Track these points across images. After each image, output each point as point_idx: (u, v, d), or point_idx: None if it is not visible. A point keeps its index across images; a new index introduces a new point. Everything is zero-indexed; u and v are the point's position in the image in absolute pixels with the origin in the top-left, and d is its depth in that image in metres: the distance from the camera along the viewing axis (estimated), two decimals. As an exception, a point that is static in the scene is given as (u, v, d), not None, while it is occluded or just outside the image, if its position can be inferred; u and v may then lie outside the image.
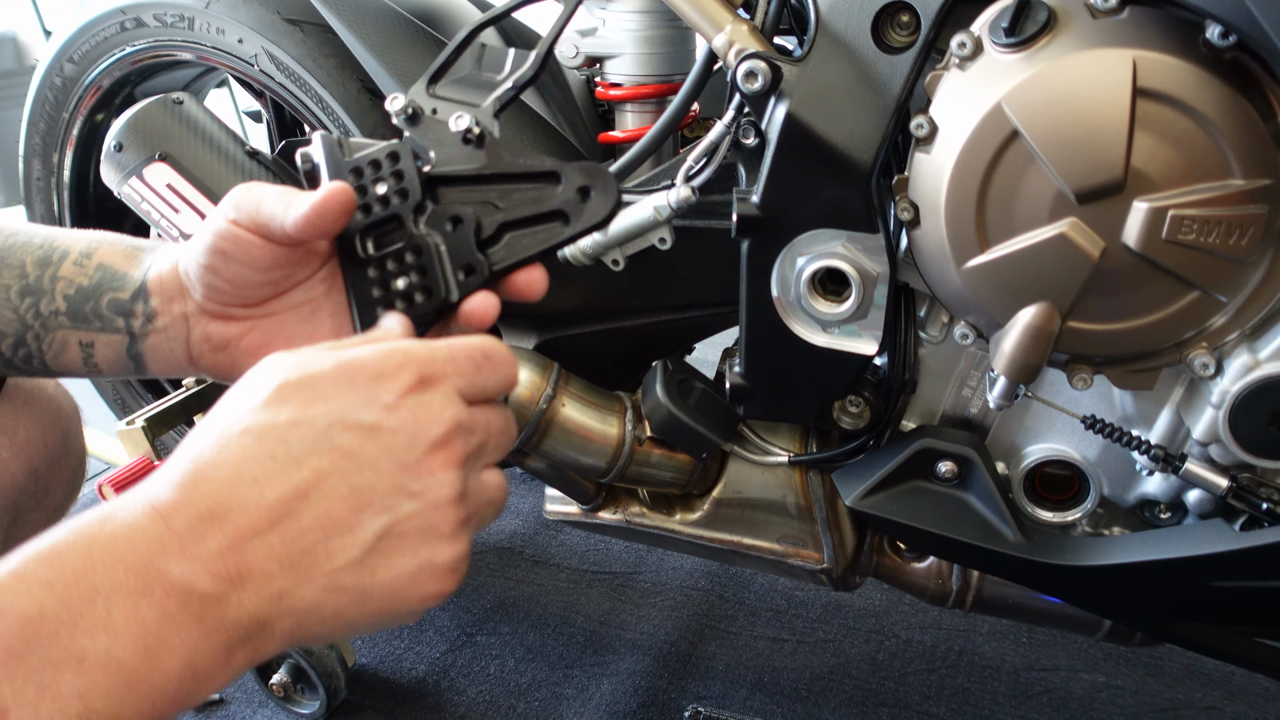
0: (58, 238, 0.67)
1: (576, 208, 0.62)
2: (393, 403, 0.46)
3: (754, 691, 1.30)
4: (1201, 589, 0.76)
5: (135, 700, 0.40)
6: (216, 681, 0.43)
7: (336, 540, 0.44)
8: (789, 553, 0.97)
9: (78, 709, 0.38)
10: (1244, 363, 0.69)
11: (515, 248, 0.62)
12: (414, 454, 0.46)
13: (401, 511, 0.45)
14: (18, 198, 1.36)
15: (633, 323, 0.99)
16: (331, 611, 0.45)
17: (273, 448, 0.44)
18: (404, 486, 0.46)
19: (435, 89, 0.66)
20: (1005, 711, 1.26)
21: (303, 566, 0.43)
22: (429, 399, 0.47)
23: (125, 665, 0.39)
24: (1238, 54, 0.62)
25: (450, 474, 0.47)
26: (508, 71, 0.66)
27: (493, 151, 0.64)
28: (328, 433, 0.45)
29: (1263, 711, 1.25)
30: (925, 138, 0.70)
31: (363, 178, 0.63)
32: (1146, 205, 0.64)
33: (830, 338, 0.81)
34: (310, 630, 0.45)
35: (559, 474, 0.99)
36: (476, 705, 1.30)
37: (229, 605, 0.42)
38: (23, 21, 3.11)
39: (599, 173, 0.62)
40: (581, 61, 1.02)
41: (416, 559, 0.46)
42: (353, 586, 0.45)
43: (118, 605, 0.39)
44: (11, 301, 0.65)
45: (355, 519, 0.44)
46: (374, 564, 0.45)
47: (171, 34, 1.20)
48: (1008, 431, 0.85)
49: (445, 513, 0.47)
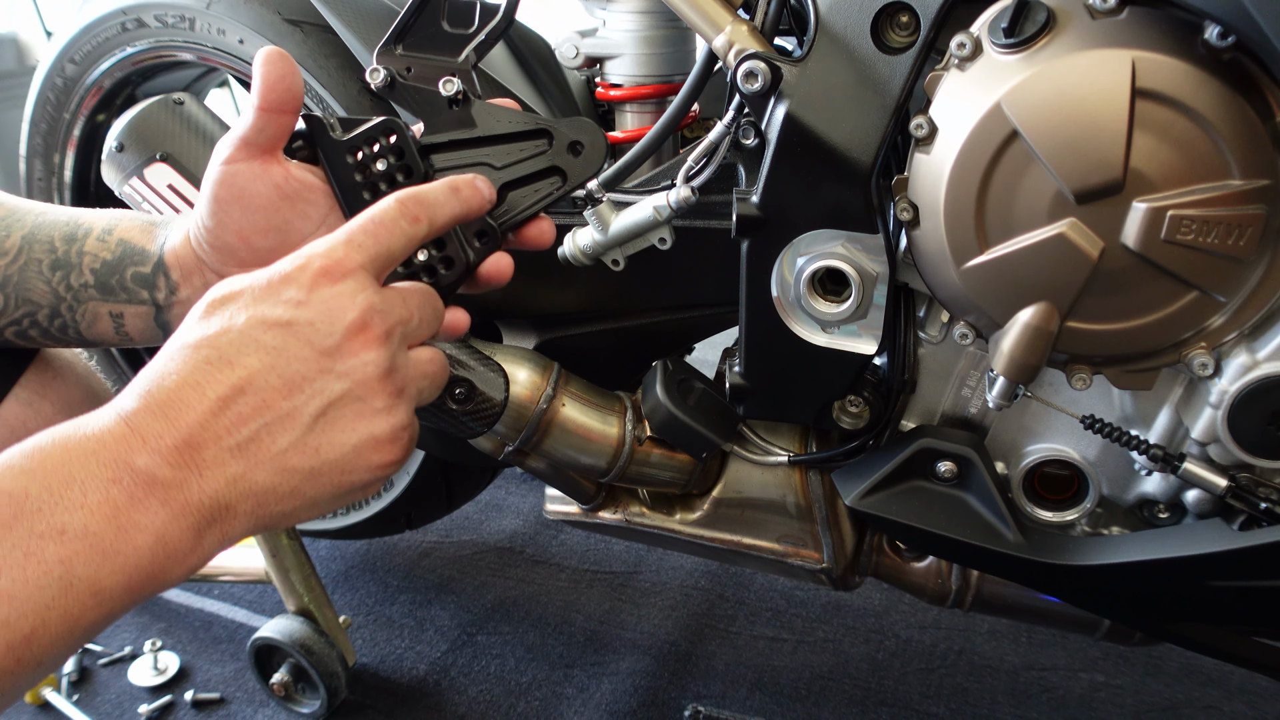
0: (82, 216, 0.71)
1: (571, 163, 0.66)
2: (304, 298, 0.51)
3: (754, 691, 1.30)
4: (1200, 588, 0.76)
5: (112, 570, 0.45)
6: (191, 559, 0.48)
7: (277, 425, 0.50)
8: (789, 552, 0.98)
9: (60, 573, 0.44)
10: (1243, 363, 0.69)
11: (519, 205, 0.66)
12: (333, 339, 0.51)
13: (333, 392, 0.51)
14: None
15: (633, 323, 0.99)
16: (288, 490, 0.50)
17: (208, 354, 0.49)
18: (330, 369, 0.51)
19: (403, 49, 0.66)
20: (1004, 711, 1.26)
21: (250, 452, 0.49)
22: (339, 289, 0.52)
23: (101, 539, 0.45)
24: (1236, 54, 0.62)
25: (373, 353, 0.52)
26: (478, 24, 0.66)
27: (481, 111, 0.65)
28: (251, 333, 0.50)
29: (1261, 710, 1.25)
30: (925, 138, 0.70)
31: (360, 156, 0.64)
32: (1145, 205, 0.64)
33: (830, 338, 0.81)
34: (272, 510, 0.50)
35: (559, 474, 0.99)
36: (477, 705, 1.30)
37: (190, 490, 0.47)
38: (24, 22, 3.11)
39: (587, 127, 0.65)
40: (581, 62, 1.02)
41: (356, 434, 0.51)
42: (301, 466, 0.50)
43: (92, 489, 0.45)
44: (44, 275, 0.69)
45: (290, 404, 0.50)
46: (316, 443, 0.50)
47: (172, 34, 1.20)
48: (1007, 431, 0.85)
49: (374, 388, 0.52)
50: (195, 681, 1.36)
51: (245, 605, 1.51)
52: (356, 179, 0.64)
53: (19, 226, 0.69)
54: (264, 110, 0.61)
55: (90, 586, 0.44)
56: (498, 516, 1.71)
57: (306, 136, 0.65)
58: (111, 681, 1.36)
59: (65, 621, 0.44)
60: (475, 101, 0.65)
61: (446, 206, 0.59)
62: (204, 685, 1.35)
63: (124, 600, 0.46)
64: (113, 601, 0.45)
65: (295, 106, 0.63)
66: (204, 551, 0.48)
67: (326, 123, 0.64)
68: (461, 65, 0.66)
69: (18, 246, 0.68)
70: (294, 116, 0.63)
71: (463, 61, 0.66)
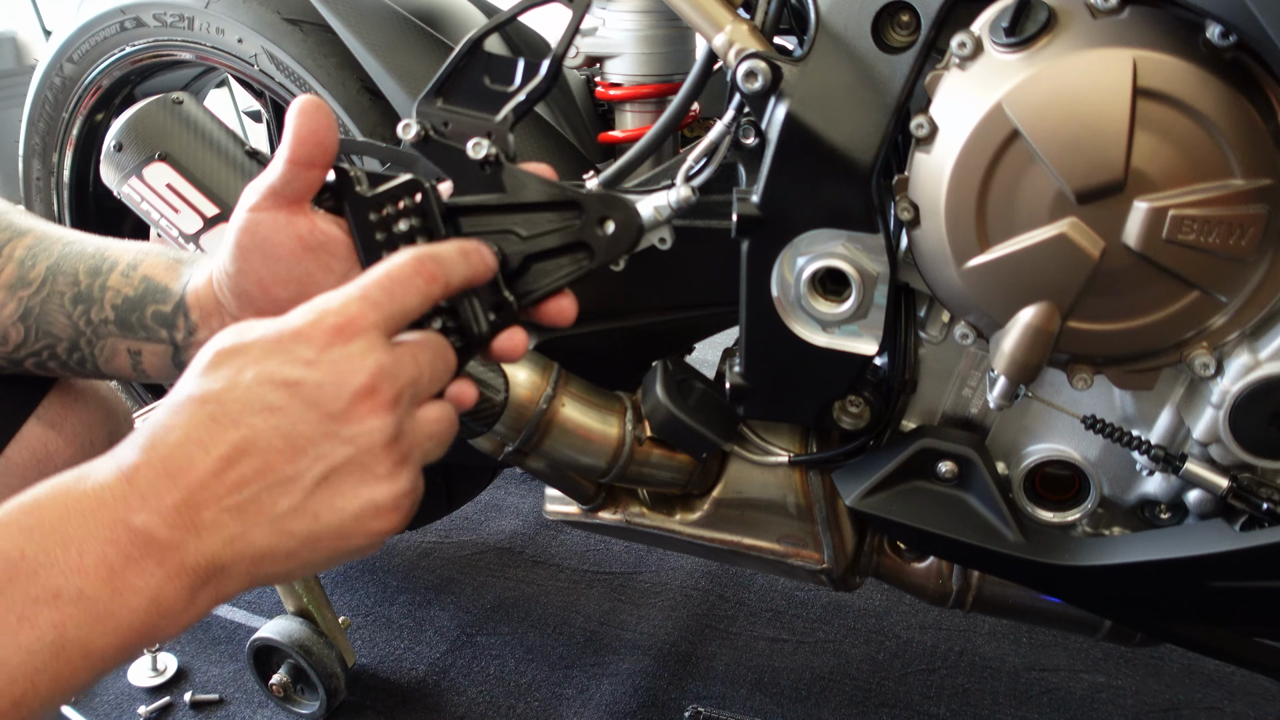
0: (109, 248, 0.70)
1: (599, 239, 0.63)
2: (314, 358, 0.49)
3: (754, 691, 1.30)
4: (1201, 589, 0.76)
5: (105, 632, 0.45)
6: (185, 618, 0.48)
7: (278, 488, 0.48)
8: (789, 553, 0.97)
9: (53, 637, 0.43)
10: (1244, 363, 0.69)
11: (541, 279, 0.63)
12: (340, 403, 0.49)
13: (336, 458, 0.49)
14: (17, 198, 1.36)
15: (633, 323, 0.99)
16: (284, 553, 0.49)
17: (213, 410, 0.48)
18: (335, 434, 0.49)
19: (443, 101, 0.65)
20: (1005, 712, 1.26)
21: (250, 514, 0.48)
22: (350, 349, 0.50)
23: (95, 602, 0.44)
24: (1238, 54, 0.62)
25: (380, 419, 0.50)
26: (519, 83, 0.64)
27: (511, 177, 0.63)
28: (258, 392, 0.49)
29: (1263, 711, 1.25)
30: (925, 137, 0.70)
31: (384, 213, 0.62)
32: (1147, 205, 0.64)
33: (830, 338, 0.81)
34: (267, 570, 0.49)
35: (559, 474, 0.99)
36: (476, 705, 1.30)
37: (187, 551, 0.46)
38: (22, 21, 3.11)
39: (620, 203, 0.63)
40: (581, 61, 1.02)
41: (357, 500, 0.50)
42: (300, 530, 0.49)
43: (89, 550, 0.44)
44: (65, 308, 0.68)
45: (292, 468, 0.48)
46: (316, 508, 0.49)
47: (171, 34, 1.20)
48: (1008, 431, 0.85)
49: (378, 455, 0.50)
50: (194, 682, 1.36)
51: (244, 606, 1.51)
52: (378, 237, 0.62)
53: (45, 256, 0.69)
54: (293, 164, 0.60)
55: (82, 649, 0.44)
56: (498, 517, 1.71)
57: (334, 188, 0.63)
58: (110, 682, 1.36)
59: (55, 684, 0.44)
60: (507, 166, 0.63)
61: (459, 269, 0.57)
62: (203, 686, 1.35)
63: (116, 659, 0.46)
64: (105, 662, 0.45)
65: (326, 161, 0.61)
66: (198, 610, 0.48)
67: (354, 176, 0.62)
68: (499, 125, 0.64)
69: (42, 277, 0.68)
70: (324, 171, 0.61)
71: (500, 121, 0.64)
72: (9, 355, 0.69)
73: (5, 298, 0.67)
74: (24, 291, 0.68)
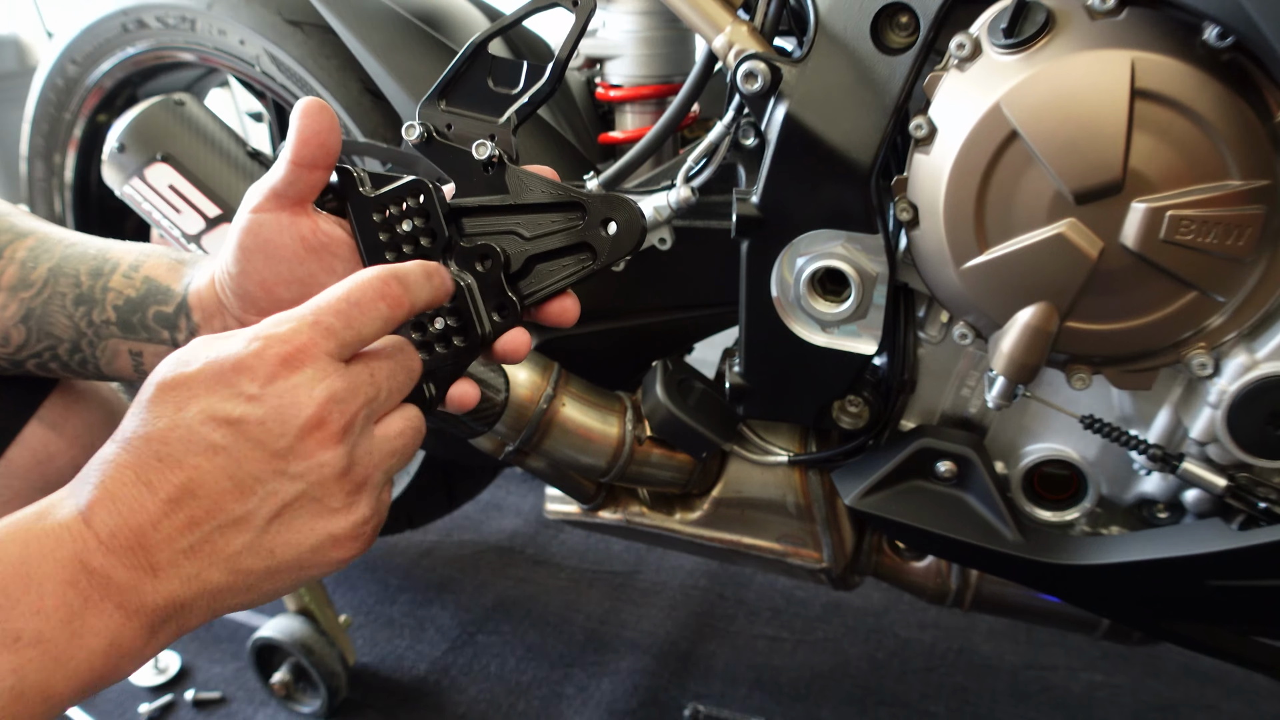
0: (110, 249, 0.70)
1: (603, 241, 0.63)
2: (257, 392, 0.47)
3: (753, 690, 1.30)
4: (1199, 588, 0.76)
5: (65, 675, 0.44)
6: (144, 655, 0.47)
7: (230, 528, 0.47)
8: (789, 552, 0.98)
9: (11, 682, 0.42)
10: (1242, 362, 0.69)
11: (544, 280, 0.63)
12: (286, 440, 0.47)
13: (286, 495, 0.48)
14: (19, 198, 1.36)
15: (633, 323, 0.99)
16: (243, 587, 0.48)
17: (157, 449, 0.47)
18: (283, 471, 0.48)
19: (446, 104, 0.65)
20: (1004, 710, 1.26)
21: (203, 554, 0.47)
22: (295, 380, 0.48)
23: (55, 645, 0.44)
24: (1235, 55, 0.62)
25: (329, 453, 0.48)
26: (522, 85, 0.65)
27: (514, 178, 0.63)
28: (200, 431, 0.47)
29: (1260, 710, 1.25)
30: (924, 138, 0.70)
31: (387, 214, 0.62)
32: (1144, 206, 0.64)
33: (830, 338, 0.81)
34: (227, 603, 0.49)
35: (559, 473, 0.99)
36: (477, 704, 1.30)
37: (144, 592, 0.46)
38: (25, 23, 3.11)
39: (623, 204, 0.62)
40: (581, 62, 1.02)
41: (314, 535, 0.49)
42: (256, 567, 0.48)
43: (49, 593, 0.44)
44: (67, 309, 0.68)
45: (242, 508, 0.47)
46: (271, 545, 0.48)
47: (173, 35, 1.20)
48: (1006, 431, 0.85)
49: (331, 489, 0.49)
50: (196, 681, 1.36)
51: (246, 605, 1.51)
52: (381, 238, 0.62)
53: (47, 258, 0.69)
54: (296, 165, 0.59)
55: (41, 692, 0.43)
56: (498, 516, 1.72)
57: (337, 189, 0.63)
58: (112, 681, 1.37)
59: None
60: (510, 167, 0.63)
61: (423, 292, 0.55)
62: (205, 684, 1.35)
63: (75, 700, 0.45)
64: (64, 703, 0.45)
65: (329, 163, 0.60)
66: (157, 646, 0.48)
67: (357, 177, 0.62)
68: (502, 127, 0.64)
69: (43, 279, 0.68)
70: (327, 172, 0.61)
71: (504, 123, 0.64)
72: (11, 356, 0.69)
73: (7, 299, 0.68)
74: (26, 293, 0.68)
